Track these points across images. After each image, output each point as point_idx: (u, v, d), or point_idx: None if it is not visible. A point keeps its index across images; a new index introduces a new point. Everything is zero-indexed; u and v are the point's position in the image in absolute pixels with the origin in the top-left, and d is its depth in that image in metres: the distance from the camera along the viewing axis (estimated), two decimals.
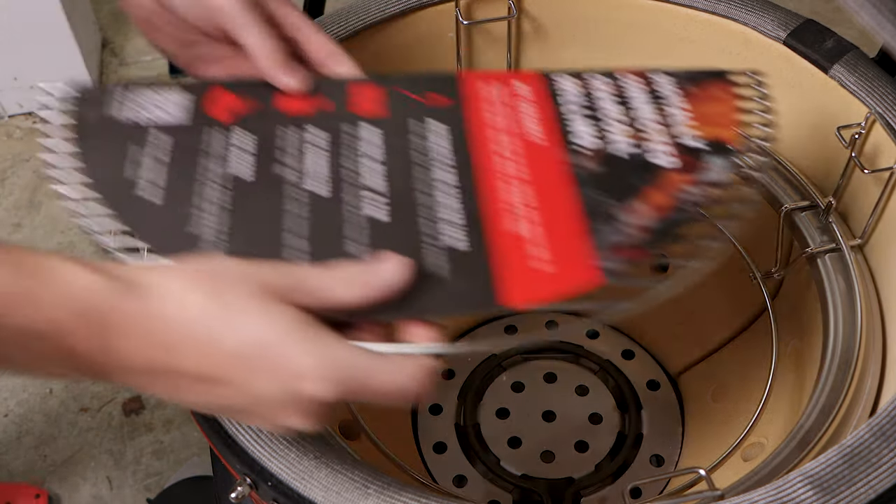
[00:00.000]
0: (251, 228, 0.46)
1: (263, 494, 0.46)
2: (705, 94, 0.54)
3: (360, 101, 0.54)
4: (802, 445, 0.53)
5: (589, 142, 0.51)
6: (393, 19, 0.70)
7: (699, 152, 0.50)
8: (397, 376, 0.39)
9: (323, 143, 0.51)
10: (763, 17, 0.66)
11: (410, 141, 0.51)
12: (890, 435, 0.44)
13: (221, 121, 0.51)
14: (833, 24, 0.65)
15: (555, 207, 0.48)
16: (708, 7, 0.68)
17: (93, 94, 0.51)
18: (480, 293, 0.44)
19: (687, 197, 0.47)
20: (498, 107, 0.54)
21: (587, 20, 0.74)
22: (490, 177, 0.49)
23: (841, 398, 0.55)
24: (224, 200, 0.47)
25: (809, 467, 0.43)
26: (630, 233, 0.46)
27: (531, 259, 0.45)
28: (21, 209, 1.37)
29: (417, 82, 0.55)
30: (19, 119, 1.52)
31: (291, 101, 0.53)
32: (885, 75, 0.62)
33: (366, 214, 0.47)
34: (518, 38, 0.76)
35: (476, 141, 0.51)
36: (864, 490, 0.43)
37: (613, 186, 0.48)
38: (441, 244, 0.45)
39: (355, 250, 0.45)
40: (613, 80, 0.56)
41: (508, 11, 0.73)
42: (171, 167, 0.48)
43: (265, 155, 0.50)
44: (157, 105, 0.51)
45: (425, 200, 0.48)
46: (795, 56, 0.65)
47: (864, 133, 0.61)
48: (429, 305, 0.43)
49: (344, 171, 0.49)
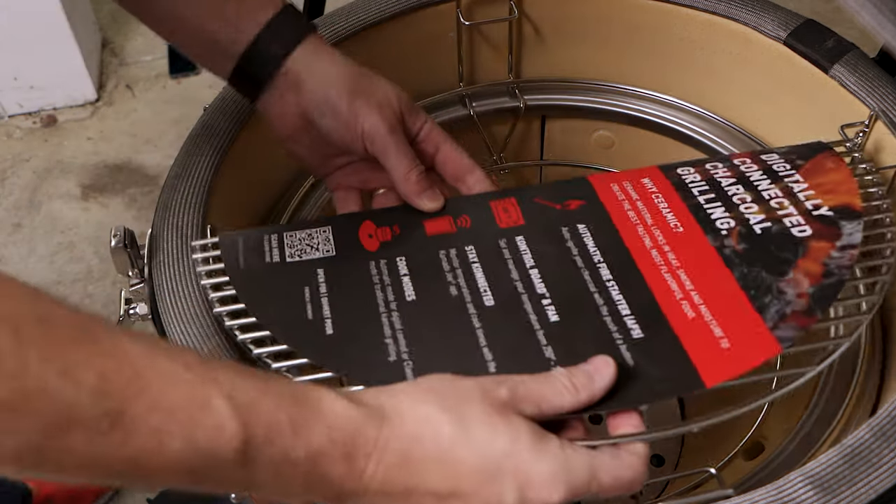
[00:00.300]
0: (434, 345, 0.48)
1: None
2: (816, 167, 0.58)
3: (500, 214, 0.56)
4: (804, 445, 0.53)
5: (727, 224, 0.54)
6: (393, 19, 0.70)
7: (830, 220, 0.54)
8: (618, 470, 0.40)
9: (472, 255, 0.53)
10: (763, 17, 0.66)
11: (562, 246, 0.54)
12: (890, 435, 0.44)
13: (370, 249, 0.54)
14: (833, 24, 0.65)
15: (715, 288, 0.50)
16: (708, 7, 0.68)
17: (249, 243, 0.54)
18: (684, 377, 0.46)
19: (834, 262, 0.51)
20: (636, 203, 0.57)
21: (587, 21, 0.74)
22: (650, 268, 0.52)
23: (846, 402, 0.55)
24: (395, 323, 0.49)
25: (810, 467, 0.43)
26: (793, 301, 0.49)
27: (712, 338, 0.47)
28: (21, 209, 1.37)
29: (554, 191, 0.58)
30: (19, 119, 1.52)
31: (432, 222, 0.56)
32: (886, 75, 0.62)
33: (536, 317, 0.49)
34: (519, 39, 0.76)
35: (627, 237, 0.54)
36: (864, 490, 0.43)
37: (764, 261, 0.52)
38: (630, 336, 0.48)
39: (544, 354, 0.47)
40: (730, 166, 0.59)
41: (509, 12, 0.73)
42: (337, 299, 0.51)
43: (420, 274, 0.52)
44: (309, 244, 0.55)
45: (597, 298, 0.50)
46: (796, 56, 0.65)
47: (867, 132, 0.61)
48: (634, 395, 0.45)
49: (501, 279, 0.51)
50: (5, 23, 1.40)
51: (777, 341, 0.47)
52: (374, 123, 0.55)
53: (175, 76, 1.57)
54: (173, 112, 1.52)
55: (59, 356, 0.30)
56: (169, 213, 0.57)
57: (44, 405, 0.29)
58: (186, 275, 0.54)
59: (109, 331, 0.32)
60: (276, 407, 0.35)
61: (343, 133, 0.56)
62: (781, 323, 0.48)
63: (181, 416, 0.33)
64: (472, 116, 0.75)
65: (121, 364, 0.31)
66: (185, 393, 0.33)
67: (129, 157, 1.46)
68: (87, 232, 1.36)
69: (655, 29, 0.72)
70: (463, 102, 0.76)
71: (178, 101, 1.54)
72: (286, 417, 0.35)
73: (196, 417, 0.33)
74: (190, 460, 0.33)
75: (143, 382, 0.32)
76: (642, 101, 0.76)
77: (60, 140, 1.49)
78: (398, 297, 0.51)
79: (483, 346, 0.47)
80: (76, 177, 1.43)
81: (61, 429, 0.30)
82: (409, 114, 0.57)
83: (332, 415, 0.37)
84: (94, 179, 1.43)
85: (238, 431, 0.34)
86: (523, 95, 0.76)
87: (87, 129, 1.50)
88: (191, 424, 0.33)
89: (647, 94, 0.76)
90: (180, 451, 0.32)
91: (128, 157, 1.46)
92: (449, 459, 0.38)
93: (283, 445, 0.35)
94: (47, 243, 1.33)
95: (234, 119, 0.63)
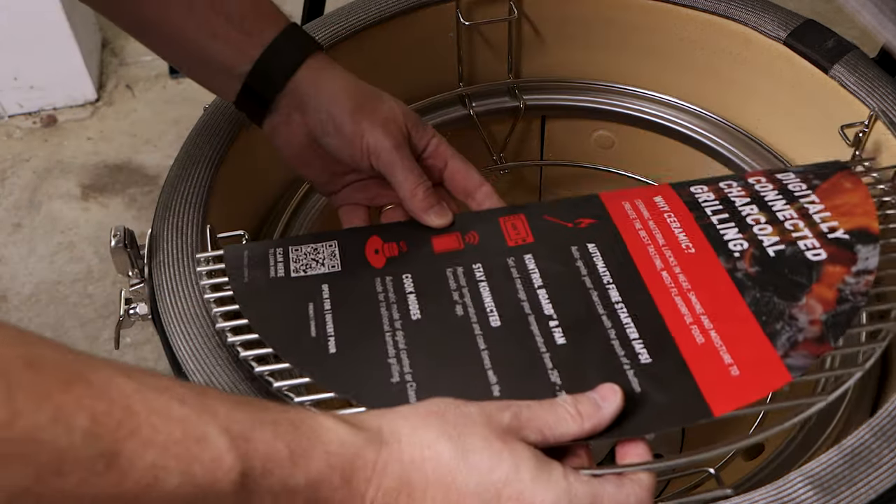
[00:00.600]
0: (438, 367, 0.47)
1: None
2: (833, 188, 0.56)
3: (509, 231, 0.55)
4: (804, 445, 0.53)
5: (741, 246, 0.53)
6: (393, 19, 0.70)
7: (846, 243, 0.52)
8: (622, 499, 0.40)
9: (480, 274, 0.52)
10: (763, 17, 0.66)
11: (571, 265, 0.53)
12: (890, 435, 0.44)
13: (376, 266, 0.53)
14: (834, 24, 0.65)
15: (726, 312, 0.49)
16: (708, 7, 0.68)
17: (253, 257, 0.54)
18: (692, 406, 0.45)
19: (848, 288, 0.50)
20: (647, 222, 0.56)
21: (587, 21, 0.74)
22: (660, 290, 0.51)
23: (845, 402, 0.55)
24: (399, 342, 0.49)
25: (810, 467, 0.43)
26: (805, 328, 0.48)
27: (721, 365, 0.46)
28: (21, 209, 1.37)
29: (565, 209, 0.57)
30: (19, 119, 1.52)
31: (440, 239, 0.55)
32: (886, 75, 0.62)
33: (542, 340, 0.48)
34: (518, 39, 0.76)
35: (637, 258, 0.53)
36: (864, 490, 0.43)
37: (777, 286, 0.50)
38: (638, 361, 0.47)
39: (550, 378, 0.46)
40: (745, 185, 0.58)
41: (509, 12, 0.73)
42: (341, 316, 0.50)
43: (426, 293, 0.51)
44: (315, 259, 0.54)
45: (606, 321, 0.49)
46: (796, 56, 0.65)
47: (867, 132, 0.61)
48: (640, 424, 0.44)
49: (508, 299, 0.51)
50: (5, 23, 1.40)
51: (788, 370, 0.46)
52: (379, 140, 0.54)
53: (175, 76, 1.57)
54: (173, 112, 1.52)
55: (49, 401, 0.30)
56: (169, 213, 0.57)
57: (36, 451, 0.29)
58: (186, 275, 0.54)
59: (99, 370, 0.32)
60: (273, 436, 0.35)
61: (348, 151, 0.55)
62: (793, 351, 0.47)
63: (177, 450, 0.32)
64: (472, 116, 0.75)
65: (112, 404, 0.31)
66: (180, 428, 0.33)
67: (129, 157, 1.46)
68: (87, 232, 1.36)
69: (655, 29, 0.72)
70: (463, 102, 0.76)
71: (178, 101, 1.54)
72: (284, 446, 0.35)
73: (193, 451, 0.33)
74: (187, 496, 0.33)
75: (137, 421, 0.32)
76: (642, 101, 0.76)
77: (60, 140, 1.49)
78: (403, 316, 0.50)
79: (488, 368, 0.47)
80: (76, 177, 1.43)
81: (55, 473, 0.29)
82: (416, 130, 0.57)
83: (331, 441, 0.37)
84: (94, 179, 1.43)
85: (235, 464, 0.33)
86: (523, 95, 0.76)
87: (87, 129, 1.51)
88: (188, 459, 0.33)
89: (647, 94, 0.76)
90: (178, 487, 0.32)
91: (128, 157, 1.46)
92: (449, 485, 0.38)
93: (281, 475, 0.35)
94: (47, 243, 1.33)
95: (235, 119, 0.63)
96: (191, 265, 0.54)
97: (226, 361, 0.49)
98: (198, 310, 0.52)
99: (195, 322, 0.51)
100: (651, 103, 0.76)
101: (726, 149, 0.72)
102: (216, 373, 0.49)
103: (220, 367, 0.49)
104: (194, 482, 0.33)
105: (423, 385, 0.46)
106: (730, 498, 0.43)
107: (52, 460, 0.29)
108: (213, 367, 0.49)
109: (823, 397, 0.46)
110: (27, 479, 0.29)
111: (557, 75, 0.78)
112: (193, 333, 0.51)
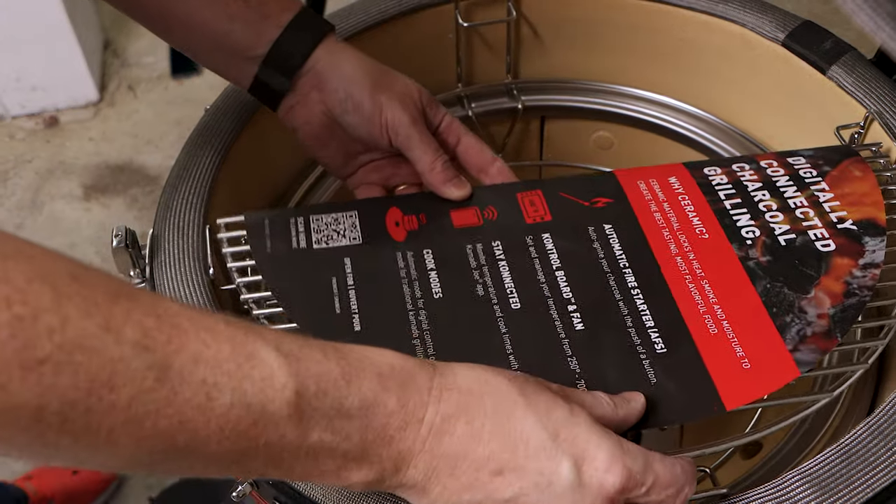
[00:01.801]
0: (461, 349, 0.47)
1: (264, 493, 0.47)
2: (843, 175, 0.56)
3: (527, 207, 0.55)
4: (801, 444, 0.53)
5: (753, 234, 0.53)
6: (393, 20, 0.70)
7: (854, 234, 0.52)
8: (674, 467, 0.39)
9: (499, 252, 0.53)
10: (761, 19, 0.67)
11: (588, 247, 0.53)
12: (887, 434, 0.45)
13: (397, 239, 0.54)
14: (831, 26, 0.65)
15: (738, 303, 0.49)
16: (707, 8, 0.68)
17: (274, 225, 0.53)
18: (705, 398, 0.45)
19: (856, 281, 0.50)
20: (662, 205, 0.55)
21: (586, 22, 0.74)
22: (675, 277, 0.51)
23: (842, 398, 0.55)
24: (423, 322, 0.49)
25: (807, 466, 0.44)
26: (814, 322, 0.48)
27: (733, 358, 0.47)
28: (23, 209, 1.38)
29: (582, 186, 0.57)
30: (21, 120, 1.52)
31: (458, 213, 0.55)
32: (883, 76, 0.62)
33: (561, 324, 0.48)
34: (517, 40, 0.76)
35: (653, 241, 0.53)
36: (861, 489, 0.43)
37: (787, 276, 0.50)
38: (654, 350, 0.47)
39: (569, 365, 0.47)
40: (757, 168, 0.58)
41: (508, 13, 0.73)
42: (364, 292, 0.50)
43: (446, 270, 0.52)
44: (336, 230, 0.54)
45: (622, 307, 0.49)
46: (793, 57, 0.65)
47: (863, 133, 0.61)
48: (657, 416, 0.45)
49: (527, 280, 0.51)
50: (7, 24, 1.40)
51: (796, 365, 0.46)
52: (398, 115, 0.55)
53: (177, 77, 1.57)
54: (175, 113, 1.52)
55: (98, 312, 0.29)
56: (170, 213, 0.57)
57: (87, 360, 0.28)
58: (187, 275, 0.54)
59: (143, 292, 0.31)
60: (324, 357, 0.34)
61: (367, 128, 0.56)
62: (801, 345, 0.47)
63: (228, 367, 0.31)
64: (471, 117, 0.76)
65: (160, 320, 0.30)
66: (229, 345, 0.31)
67: (130, 157, 1.46)
68: (89, 232, 1.36)
69: (654, 30, 0.72)
70: (461, 103, 0.76)
71: (180, 101, 1.54)
72: (335, 366, 0.34)
73: (244, 368, 0.31)
74: (241, 418, 0.31)
75: (186, 337, 0.31)
76: (641, 102, 0.76)
77: (62, 141, 1.49)
78: (425, 294, 0.50)
79: (509, 353, 0.47)
80: (78, 177, 1.44)
81: (105, 385, 0.28)
82: (430, 106, 0.58)
83: (382, 363, 0.36)
84: (95, 180, 1.43)
85: (289, 381, 0.32)
86: (521, 96, 0.76)
87: (89, 129, 1.51)
88: (239, 375, 0.31)
89: (646, 95, 0.76)
90: (229, 407, 0.31)
91: (129, 157, 1.46)
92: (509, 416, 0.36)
93: (336, 395, 0.33)
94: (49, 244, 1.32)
95: (235, 120, 0.63)
96: (191, 265, 0.54)
97: None
98: None
99: None
100: (650, 104, 0.76)
101: (724, 149, 0.72)
102: None
103: None
104: (246, 401, 0.31)
105: None
106: (729, 497, 0.43)
107: (103, 370, 0.28)
108: None
109: (829, 394, 0.46)
110: (78, 390, 0.28)
111: (556, 76, 0.78)
112: None
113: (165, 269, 0.54)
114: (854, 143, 0.61)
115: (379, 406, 0.35)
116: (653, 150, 0.77)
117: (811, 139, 0.66)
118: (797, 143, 0.68)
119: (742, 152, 0.71)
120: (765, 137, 0.71)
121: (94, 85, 1.52)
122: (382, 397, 0.35)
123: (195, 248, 0.55)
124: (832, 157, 0.58)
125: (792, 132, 0.69)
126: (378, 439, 0.35)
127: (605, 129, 0.79)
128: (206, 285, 0.53)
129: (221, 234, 0.53)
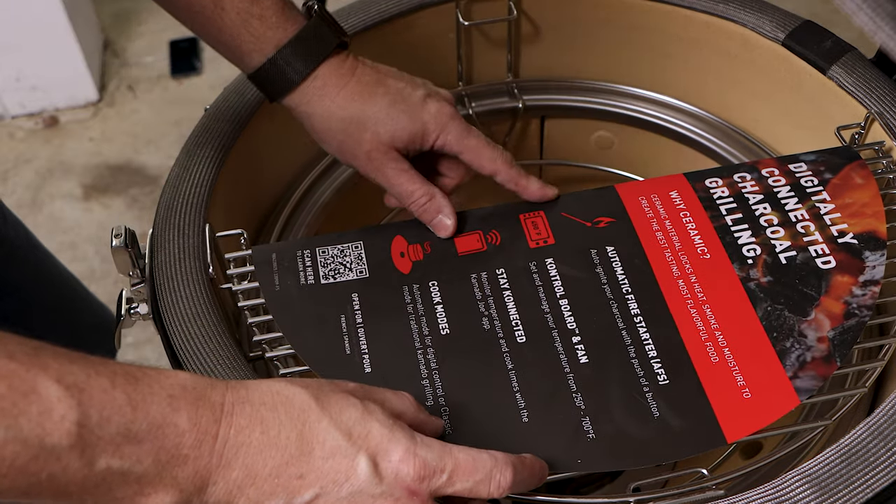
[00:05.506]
0: (468, 388, 0.48)
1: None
2: (844, 182, 0.56)
3: (529, 229, 0.56)
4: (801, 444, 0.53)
5: (754, 252, 0.53)
6: (393, 19, 0.70)
7: (854, 249, 0.52)
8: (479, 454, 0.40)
9: (503, 281, 0.53)
10: (762, 18, 0.66)
11: (591, 272, 0.53)
12: (887, 434, 0.45)
13: (403, 272, 0.54)
14: (831, 26, 0.65)
15: (739, 328, 0.49)
16: (707, 8, 0.68)
17: (282, 260, 0.54)
18: (706, 432, 0.45)
19: (855, 301, 0.49)
20: (664, 223, 0.55)
21: (586, 22, 0.74)
22: (677, 302, 0.51)
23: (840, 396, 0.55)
24: (430, 361, 0.49)
25: (807, 466, 0.44)
26: (813, 346, 0.48)
27: (734, 388, 0.47)
28: (23, 209, 1.38)
29: (583, 205, 0.57)
30: (21, 120, 1.52)
31: (462, 239, 0.56)
32: (883, 76, 0.62)
33: (566, 357, 0.49)
34: (518, 39, 0.76)
35: (655, 264, 0.53)
36: (861, 489, 0.43)
37: (788, 298, 0.50)
38: (656, 382, 0.47)
39: (574, 401, 0.47)
40: (758, 178, 0.57)
41: (508, 12, 0.73)
42: (373, 330, 0.50)
43: (452, 303, 0.52)
44: (342, 263, 0.54)
45: (625, 336, 0.49)
46: (794, 57, 0.65)
47: (863, 133, 0.61)
48: (659, 452, 0.45)
49: (532, 310, 0.51)
50: (7, 24, 1.40)
51: (797, 393, 0.46)
52: (368, 172, 0.56)
53: (176, 77, 1.57)
54: (174, 113, 1.52)
55: None
56: (170, 213, 0.57)
57: None
58: (187, 275, 0.54)
59: None
60: (110, 385, 0.34)
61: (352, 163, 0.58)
62: (801, 371, 0.47)
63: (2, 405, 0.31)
64: (472, 116, 0.76)
65: None
66: (5, 383, 0.32)
67: (130, 157, 1.46)
68: (89, 232, 1.36)
69: (654, 30, 0.72)
70: (462, 102, 0.76)
71: (180, 101, 1.54)
72: (121, 393, 0.34)
73: (19, 405, 0.32)
74: (17, 454, 0.32)
75: None
76: (641, 101, 0.76)
77: (62, 141, 1.49)
78: (432, 331, 0.50)
79: (516, 391, 0.47)
80: (78, 177, 1.44)
81: None
82: (412, 142, 0.56)
83: (172, 385, 0.36)
84: (95, 180, 1.43)
85: (69, 413, 0.33)
86: (522, 95, 0.76)
87: (89, 129, 1.51)
88: (14, 412, 0.31)
89: (647, 94, 0.76)
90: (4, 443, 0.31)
91: (129, 157, 1.46)
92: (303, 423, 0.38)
93: (121, 421, 0.34)
94: (49, 243, 1.32)
95: (235, 120, 0.63)
96: (191, 265, 0.54)
97: (227, 361, 0.50)
98: (198, 309, 0.52)
99: (195, 322, 0.52)
100: (650, 104, 0.76)
101: (724, 149, 0.72)
102: (218, 373, 0.49)
103: (221, 367, 0.49)
104: (22, 438, 0.32)
105: (455, 410, 0.47)
106: (727, 497, 0.43)
107: None
108: (215, 367, 0.49)
109: (826, 421, 0.47)
110: None
111: (557, 75, 0.78)
112: (194, 333, 0.51)
113: (165, 269, 0.54)
114: (855, 144, 0.61)
115: (169, 427, 0.35)
116: (653, 150, 0.77)
117: (811, 139, 0.66)
118: (797, 143, 0.68)
119: (742, 152, 0.71)
120: (765, 137, 0.71)
121: (94, 85, 1.52)
122: (172, 418, 0.35)
123: (195, 248, 0.55)
124: (834, 161, 0.58)
125: (792, 132, 0.69)
126: (172, 460, 0.35)
127: (605, 128, 0.79)
128: (206, 285, 0.53)
129: (231, 271, 0.54)
